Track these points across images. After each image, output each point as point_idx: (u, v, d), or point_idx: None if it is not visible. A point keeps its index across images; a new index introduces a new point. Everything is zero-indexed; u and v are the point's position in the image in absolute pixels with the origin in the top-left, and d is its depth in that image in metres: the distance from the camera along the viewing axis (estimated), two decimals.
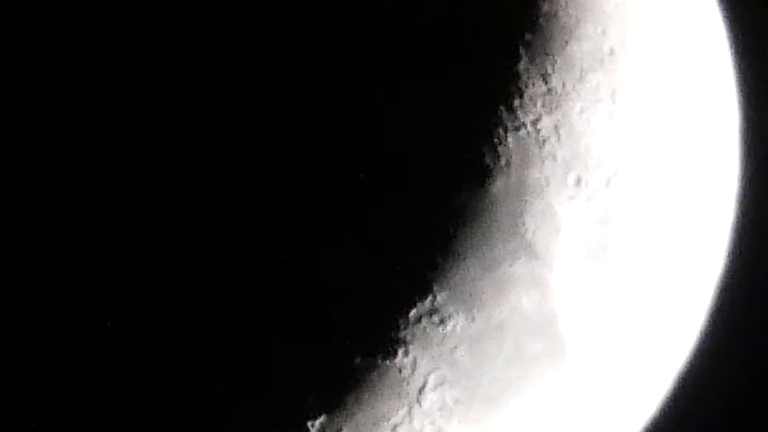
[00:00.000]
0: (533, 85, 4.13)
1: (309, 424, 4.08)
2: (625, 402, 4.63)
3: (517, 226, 4.09)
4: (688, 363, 4.85)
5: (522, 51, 4.12)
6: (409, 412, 4.14)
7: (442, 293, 4.06)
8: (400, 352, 4.05)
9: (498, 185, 4.05)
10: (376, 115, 3.90)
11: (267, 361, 3.98)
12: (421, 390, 4.11)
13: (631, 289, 4.37)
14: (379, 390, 4.08)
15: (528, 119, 4.10)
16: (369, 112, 3.90)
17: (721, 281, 4.82)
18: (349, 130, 3.90)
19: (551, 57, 4.17)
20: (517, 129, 4.08)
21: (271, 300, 3.93)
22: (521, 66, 4.11)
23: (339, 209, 3.90)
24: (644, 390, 4.70)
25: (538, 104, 4.12)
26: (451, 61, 3.99)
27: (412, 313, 4.03)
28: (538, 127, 4.12)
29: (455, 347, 4.10)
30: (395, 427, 4.14)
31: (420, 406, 4.13)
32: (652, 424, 4.85)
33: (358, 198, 3.90)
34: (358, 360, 4.02)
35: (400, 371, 4.07)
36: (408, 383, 4.10)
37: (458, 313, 4.08)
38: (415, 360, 4.07)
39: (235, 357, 3.97)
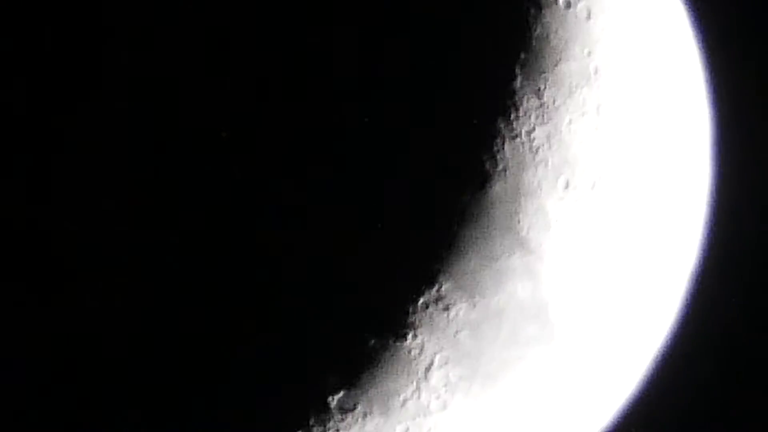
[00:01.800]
0: (528, 100, 4.08)
1: (329, 398, 4.05)
2: (608, 380, 4.63)
3: (513, 224, 4.07)
4: (663, 345, 4.83)
5: (518, 70, 4.07)
6: (418, 388, 4.12)
7: (447, 283, 4.02)
8: (410, 335, 4.03)
9: (496, 188, 4.03)
10: (388, 127, 3.88)
11: (293, 344, 3.96)
12: (428, 369, 4.10)
13: (613, 280, 4.38)
14: (391, 369, 4.07)
15: (523, 130, 4.06)
16: (384, 124, 3.87)
17: (693, 273, 4.80)
18: (364, 140, 3.87)
19: (544, 75, 4.13)
20: (514, 138, 4.04)
21: (298, 292, 3.90)
22: (517, 83, 4.06)
23: (358, 213, 3.88)
24: (625, 369, 4.70)
25: (532, 117, 4.09)
26: (455, 78, 3.98)
27: (421, 301, 4.01)
28: (532, 137, 4.08)
29: (458, 331, 4.08)
30: (405, 401, 4.12)
31: (427, 382, 4.11)
32: (631, 399, 4.83)
33: (374, 203, 3.88)
34: (372, 342, 4.01)
35: (410, 352, 4.05)
36: (416, 363, 4.08)
37: (461, 301, 4.06)
38: (422, 342, 4.06)
39: (264, 341, 3.95)
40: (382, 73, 3.99)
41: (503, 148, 4.03)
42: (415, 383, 4.10)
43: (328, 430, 4.12)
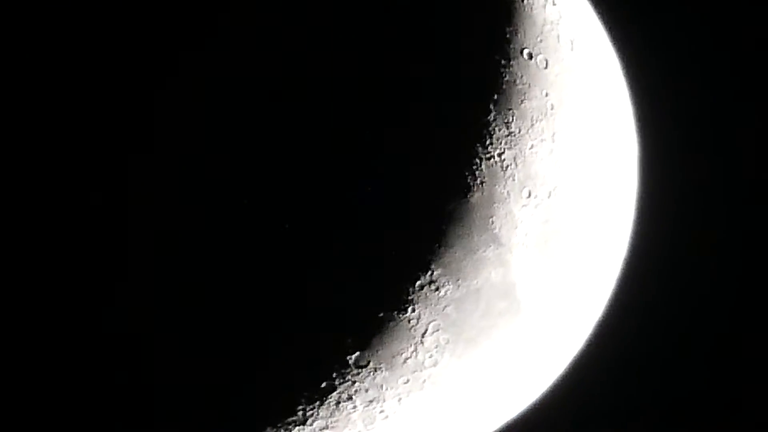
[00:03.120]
0: (499, 129, 4.06)
1: (347, 357, 4.04)
2: (560, 343, 4.70)
3: (488, 224, 4.07)
4: (601, 316, 4.92)
5: (492, 107, 4.05)
6: (416, 349, 4.12)
7: (438, 270, 4.01)
8: (409, 309, 4.03)
9: (476, 197, 4.02)
10: (395, 150, 3.90)
11: (322, 317, 3.95)
12: (423, 335, 4.09)
13: (563, 267, 4.40)
14: (395, 334, 4.06)
15: (496, 152, 4.05)
16: (391, 148, 3.90)
17: (624, 262, 4.87)
18: (378, 161, 3.89)
19: (511, 111, 4.10)
20: (489, 159, 4.03)
21: (328, 279, 3.91)
22: (491, 117, 4.05)
23: (371, 219, 3.90)
24: (573, 334, 4.77)
25: (503, 143, 4.07)
26: (445, 113, 3.97)
27: (418, 283, 4.00)
28: (503, 158, 4.07)
29: (446, 306, 4.08)
30: (406, 359, 4.12)
31: (423, 345, 4.11)
32: (578, 356, 4.89)
33: (383, 209, 3.90)
34: (381, 315, 4.00)
35: (409, 322, 4.05)
36: (414, 330, 4.08)
37: (448, 283, 4.05)
38: (419, 315, 4.05)
39: (301, 315, 3.95)
40: (392, 108, 3.92)
41: (481, 167, 4.01)
42: (413, 346, 4.10)
43: (347, 381, 4.09)
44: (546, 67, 4.26)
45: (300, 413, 4.17)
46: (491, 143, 4.05)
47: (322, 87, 3.84)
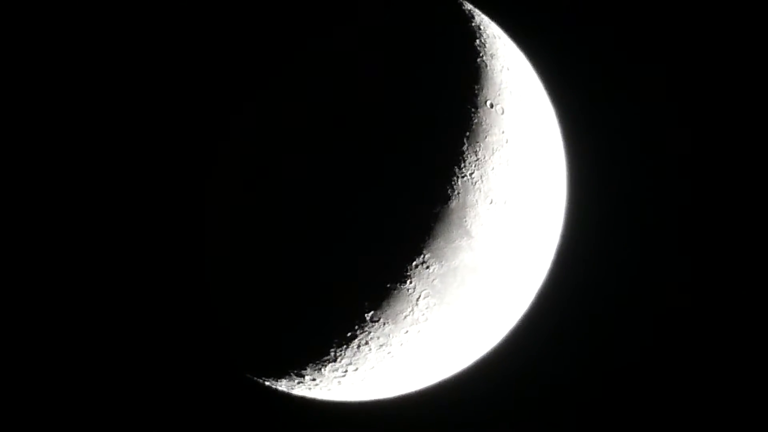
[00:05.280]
0: (470, 156, 4.16)
1: (365, 314, 4.17)
2: (512, 305, 4.68)
3: (463, 222, 4.17)
4: (540, 286, 4.87)
5: (465, 141, 4.17)
6: (412, 310, 4.22)
7: (428, 254, 4.12)
8: (408, 281, 4.14)
9: (454, 203, 4.12)
10: (400, 171, 4.03)
11: (349, 288, 4.11)
12: (417, 299, 4.19)
13: (514, 252, 4.41)
14: (398, 299, 4.17)
15: (468, 172, 4.15)
16: (397, 171, 4.03)
17: (556, 248, 4.83)
18: (392, 181, 4.03)
19: (479, 143, 4.20)
20: (463, 177, 4.14)
21: (351, 261, 4.05)
22: (465, 148, 4.16)
23: (383, 221, 4.02)
24: (521, 299, 4.74)
25: (472, 165, 4.16)
26: (434, 145, 4.11)
27: (414, 263, 4.11)
28: (473, 176, 4.17)
29: (434, 279, 4.18)
30: (406, 316, 4.22)
31: (417, 306, 4.22)
32: (524, 314, 4.83)
33: (390, 213, 4.03)
34: (388, 285, 4.13)
35: (408, 291, 4.17)
36: (411, 296, 4.19)
37: (435, 263, 4.15)
38: (415, 286, 4.16)
39: (331, 286, 4.07)
40: (400, 148, 4.05)
41: (457, 182, 4.12)
42: (411, 307, 4.21)
43: (365, 331, 4.22)
44: (503, 113, 4.33)
45: (332, 353, 4.30)
46: (465, 166, 4.14)
47: (347, 140, 3.98)
